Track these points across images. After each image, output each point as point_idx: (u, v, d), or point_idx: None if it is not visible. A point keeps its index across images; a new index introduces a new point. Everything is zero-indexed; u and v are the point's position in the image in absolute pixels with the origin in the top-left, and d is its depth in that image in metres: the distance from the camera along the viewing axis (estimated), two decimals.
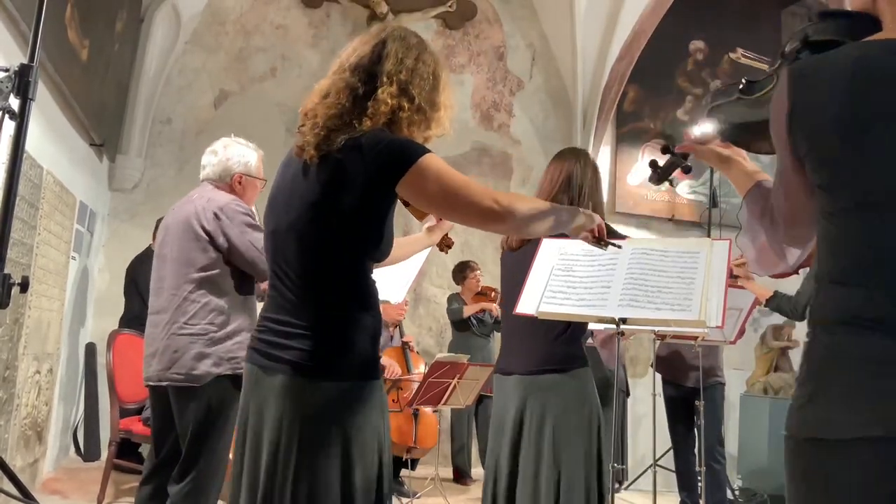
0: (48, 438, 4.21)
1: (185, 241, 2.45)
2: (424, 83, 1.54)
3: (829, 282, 1.07)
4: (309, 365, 1.43)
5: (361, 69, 1.51)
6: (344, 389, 1.44)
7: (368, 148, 1.43)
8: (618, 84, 6.43)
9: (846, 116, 1.02)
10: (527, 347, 2.35)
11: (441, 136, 1.62)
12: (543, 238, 2.33)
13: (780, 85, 1.11)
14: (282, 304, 1.50)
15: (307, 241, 1.48)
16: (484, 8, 6.66)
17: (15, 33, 2.93)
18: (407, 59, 1.53)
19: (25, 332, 3.46)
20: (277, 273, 1.53)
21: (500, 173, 6.53)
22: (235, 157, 2.62)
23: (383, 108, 1.48)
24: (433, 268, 6.00)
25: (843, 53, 1.06)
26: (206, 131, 5.61)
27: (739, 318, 4.01)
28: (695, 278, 2.12)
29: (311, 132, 1.49)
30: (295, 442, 1.41)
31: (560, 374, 2.28)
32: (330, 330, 1.45)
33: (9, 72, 1.59)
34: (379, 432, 1.48)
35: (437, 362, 4.13)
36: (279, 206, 1.55)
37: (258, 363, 1.50)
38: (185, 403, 2.41)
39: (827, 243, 1.07)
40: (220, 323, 2.42)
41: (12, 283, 1.57)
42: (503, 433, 2.33)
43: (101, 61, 4.38)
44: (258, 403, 1.48)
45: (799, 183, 1.12)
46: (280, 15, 6.11)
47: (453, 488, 5.00)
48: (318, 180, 1.46)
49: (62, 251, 4.13)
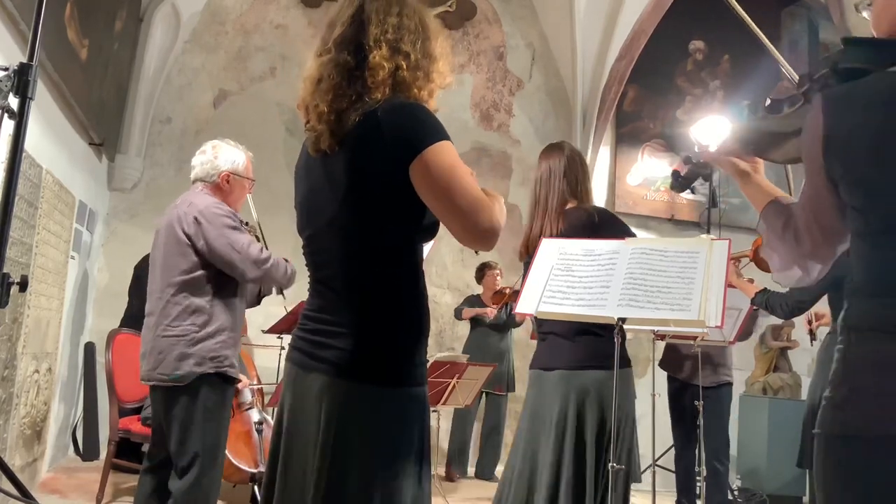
0: (47, 438, 4.20)
1: (168, 245, 2.53)
2: (415, 36, 1.44)
3: (863, 294, 1.14)
4: (349, 367, 1.36)
5: (347, 42, 1.43)
6: (383, 394, 1.36)
7: (387, 122, 1.35)
8: (617, 84, 6.43)
9: (879, 142, 1.09)
10: (570, 343, 2.39)
11: (446, 86, 1.51)
12: (544, 239, 2.36)
13: (814, 109, 1.17)
14: (324, 304, 1.43)
15: (350, 233, 1.39)
16: (484, 8, 6.66)
17: (14, 32, 2.93)
18: (389, 16, 1.43)
19: (24, 332, 3.46)
20: (318, 275, 1.46)
21: (499, 173, 6.53)
22: (223, 157, 2.68)
23: (381, 73, 1.38)
24: (433, 268, 6.00)
25: (876, 79, 1.12)
26: (205, 131, 5.61)
27: (739, 317, 4.01)
28: (694, 278, 2.12)
29: (320, 123, 1.40)
30: (329, 444, 1.34)
31: (604, 370, 2.30)
32: (374, 329, 1.38)
33: (8, 71, 1.58)
34: (414, 441, 1.39)
35: (436, 362, 4.12)
36: (312, 210, 1.47)
37: (298, 362, 1.44)
38: (172, 402, 2.48)
39: (860, 259, 1.15)
40: (200, 323, 2.48)
41: (11, 283, 1.57)
42: (544, 427, 2.37)
43: (101, 61, 4.37)
44: (295, 402, 1.43)
45: (831, 204, 1.19)
46: (280, 14, 6.10)
47: (445, 487, 5.02)
48: (344, 167, 1.38)
49: (61, 250, 4.13)
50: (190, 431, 2.45)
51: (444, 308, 5.90)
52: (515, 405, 6.11)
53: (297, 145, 2.87)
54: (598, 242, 2.33)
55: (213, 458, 2.50)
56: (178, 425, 2.46)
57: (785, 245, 1.32)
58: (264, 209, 4.49)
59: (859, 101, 1.11)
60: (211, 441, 2.48)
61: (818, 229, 1.23)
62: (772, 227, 1.35)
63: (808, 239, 1.26)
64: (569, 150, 2.61)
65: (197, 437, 2.45)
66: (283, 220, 2.97)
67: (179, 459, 2.46)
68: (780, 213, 1.34)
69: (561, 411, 2.34)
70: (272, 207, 4.50)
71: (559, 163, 2.57)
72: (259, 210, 3.21)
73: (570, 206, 2.53)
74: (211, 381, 2.48)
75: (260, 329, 4.68)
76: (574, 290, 2.22)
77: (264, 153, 2.90)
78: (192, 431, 2.45)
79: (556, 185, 2.54)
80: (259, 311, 4.75)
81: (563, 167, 2.56)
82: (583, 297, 2.19)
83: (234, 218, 2.56)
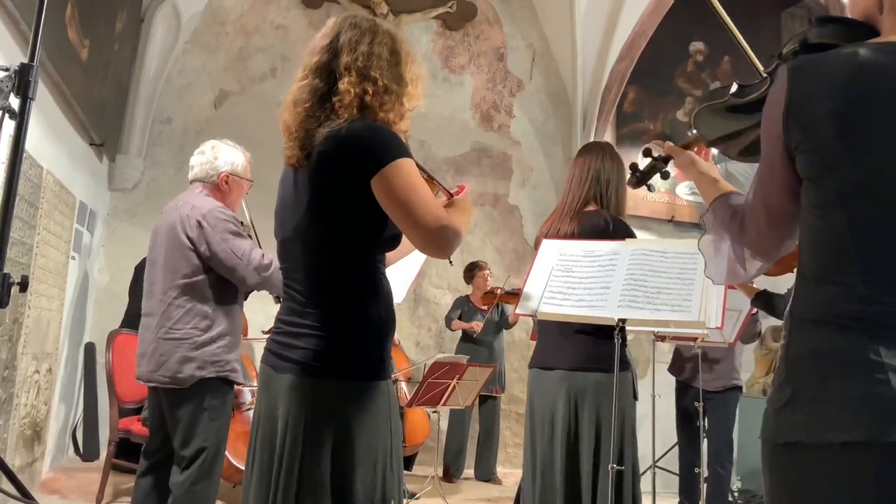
0: (47, 438, 4.20)
1: (171, 247, 2.53)
2: (384, 62, 1.54)
3: (807, 278, 1.07)
4: (315, 364, 1.45)
5: (321, 69, 1.54)
6: (349, 389, 1.45)
7: (350, 139, 1.46)
8: (618, 85, 6.43)
9: (842, 109, 1.04)
10: (571, 343, 2.37)
11: (415, 108, 1.61)
12: (544, 240, 2.36)
13: (779, 80, 1.12)
14: (292, 307, 1.53)
15: (311, 242, 1.51)
16: (484, 9, 6.66)
17: (15, 33, 2.93)
18: (361, 45, 1.54)
19: (25, 332, 3.46)
20: (287, 280, 1.57)
21: (499, 174, 6.53)
22: (222, 158, 2.69)
23: (347, 98, 1.49)
24: (433, 268, 6.00)
25: (842, 52, 1.08)
26: (205, 131, 5.61)
27: (739, 319, 4.01)
28: (694, 279, 2.12)
29: (290, 140, 1.53)
30: (299, 440, 1.43)
31: (605, 373, 2.30)
32: (336, 329, 1.47)
33: (9, 71, 1.58)
34: (382, 434, 1.47)
35: (436, 363, 4.13)
36: (284, 216, 1.59)
37: (270, 363, 1.53)
38: (174, 404, 2.49)
39: (809, 239, 1.08)
40: (203, 327, 2.49)
41: (12, 283, 1.57)
42: (549, 430, 2.36)
43: (102, 61, 4.38)
44: (269, 403, 1.51)
45: (784, 180, 1.12)
46: (280, 15, 6.11)
47: (446, 488, 5.01)
48: (309, 180, 1.49)
49: (62, 251, 4.13)
50: (195, 429, 2.47)
51: (443, 309, 5.89)
52: (508, 406, 6.11)
53: None
54: (597, 243, 2.33)
55: (215, 456, 2.52)
56: (182, 425, 2.47)
57: (729, 235, 1.27)
58: (264, 209, 4.48)
59: (825, 69, 1.07)
60: (214, 439, 2.50)
61: (764, 213, 1.17)
62: (719, 216, 1.32)
63: (752, 225, 1.20)
64: (607, 153, 2.55)
65: (201, 433, 2.47)
66: None
67: (184, 452, 2.47)
68: (728, 206, 1.31)
69: (559, 411, 2.34)
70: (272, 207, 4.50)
71: (593, 164, 2.51)
72: (259, 210, 3.21)
73: (589, 208, 2.49)
74: (213, 384, 2.49)
75: (260, 330, 4.69)
76: (574, 291, 2.22)
77: (264, 153, 2.89)
78: (198, 429, 2.47)
79: (584, 186, 2.50)
80: (259, 311, 4.76)
81: (596, 169, 2.50)
82: (583, 298, 2.20)
83: (236, 223, 2.57)
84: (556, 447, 2.33)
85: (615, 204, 2.51)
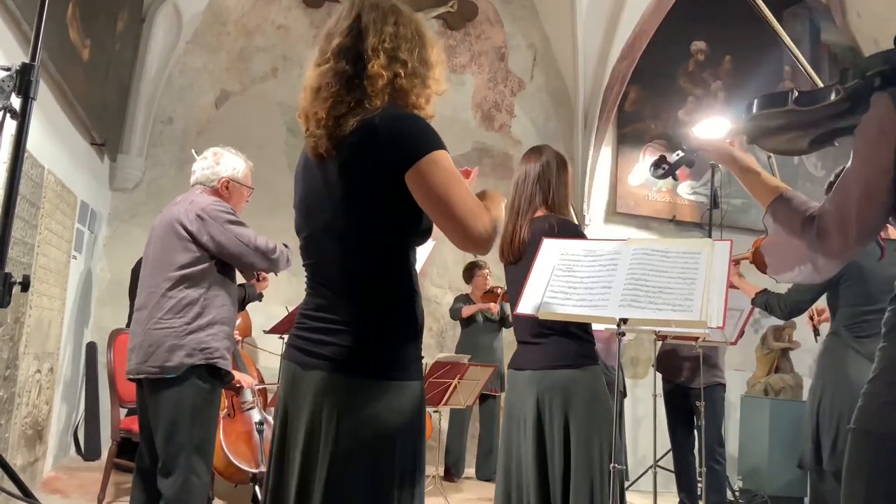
0: (49, 438, 4.21)
1: (166, 241, 2.55)
2: (411, 44, 1.48)
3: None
4: (348, 361, 1.39)
5: (345, 52, 1.46)
6: (384, 388, 1.40)
7: (384, 130, 1.39)
8: (619, 84, 6.43)
9: None
10: (539, 343, 2.40)
11: (442, 93, 1.55)
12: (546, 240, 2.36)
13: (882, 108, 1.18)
14: (320, 303, 1.46)
15: (345, 235, 1.43)
16: (485, 8, 6.66)
17: (16, 32, 2.93)
18: (386, 26, 1.47)
19: (26, 332, 3.46)
20: (314, 274, 1.50)
21: (500, 173, 6.53)
22: (224, 163, 2.73)
23: (380, 82, 1.43)
24: (434, 268, 6.00)
25: None
26: (207, 131, 5.62)
27: (740, 318, 4.01)
28: (696, 279, 2.12)
29: (318, 128, 1.44)
30: (330, 439, 1.37)
31: (574, 369, 2.33)
32: (371, 325, 1.41)
33: (10, 71, 1.59)
34: (413, 437, 1.43)
35: (437, 362, 4.13)
36: (309, 210, 1.51)
37: (296, 360, 1.47)
38: (159, 395, 2.47)
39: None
40: (193, 315, 2.49)
41: (13, 282, 1.57)
42: (522, 429, 2.38)
43: (103, 61, 4.38)
44: (296, 400, 1.45)
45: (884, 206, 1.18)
46: (281, 15, 6.11)
47: (448, 487, 5.02)
48: (339, 171, 1.42)
49: (63, 250, 4.14)
50: (178, 428, 2.43)
51: (444, 308, 5.89)
52: None
53: (298, 146, 2.87)
54: (599, 243, 2.33)
55: (203, 455, 2.49)
56: (165, 422, 2.45)
57: (801, 241, 1.27)
58: (265, 209, 4.50)
59: None
60: (199, 437, 2.47)
61: (857, 229, 1.20)
62: (786, 221, 1.31)
63: (838, 236, 1.21)
64: (547, 156, 2.54)
65: (185, 434, 2.44)
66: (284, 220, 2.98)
67: (166, 457, 2.44)
68: (796, 209, 1.30)
69: (530, 412, 2.36)
70: (273, 207, 4.51)
71: (534, 168, 2.52)
72: (260, 210, 3.23)
73: (539, 213, 2.50)
74: (200, 373, 2.47)
75: (262, 329, 4.69)
76: (575, 291, 2.21)
77: (266, 153, 2.90)
78: (180, 428, 2.44)
79: (528, 190, 2.51)
80: (260, 311, 4.77)
81: (537, 173, 2.51)
82: (584, 298, 2.19)
83: (234, 214, 2.61)
84: (528, 447, 2.34)
85: (560, 206, 2.52)
